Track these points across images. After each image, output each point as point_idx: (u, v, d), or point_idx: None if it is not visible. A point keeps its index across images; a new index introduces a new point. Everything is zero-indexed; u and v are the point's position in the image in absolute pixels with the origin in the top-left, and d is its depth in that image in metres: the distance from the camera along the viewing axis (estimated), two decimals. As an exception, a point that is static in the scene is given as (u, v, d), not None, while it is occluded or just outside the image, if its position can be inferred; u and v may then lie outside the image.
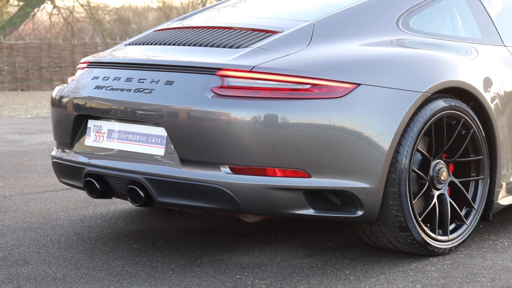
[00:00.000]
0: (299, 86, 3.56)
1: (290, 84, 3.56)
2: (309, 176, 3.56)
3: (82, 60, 4.34)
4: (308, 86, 3.56)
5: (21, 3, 30.89)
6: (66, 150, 4.16)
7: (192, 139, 3.59)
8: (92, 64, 4.22)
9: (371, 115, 3.61)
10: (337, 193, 3.64)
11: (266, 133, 3.51)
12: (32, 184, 5.97)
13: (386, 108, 3.64)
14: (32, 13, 31.86)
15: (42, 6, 32.20)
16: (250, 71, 3.57)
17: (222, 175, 3.56)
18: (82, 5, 33.11)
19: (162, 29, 4.48)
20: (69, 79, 4.34)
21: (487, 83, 4.09)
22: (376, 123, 3.61)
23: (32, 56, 24.31)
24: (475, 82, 4.01)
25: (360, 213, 3.64)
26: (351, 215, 3.66)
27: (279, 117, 3.51)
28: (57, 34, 32.27)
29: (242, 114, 3.51)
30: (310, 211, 3.62)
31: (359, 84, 3.61)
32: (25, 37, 31.71)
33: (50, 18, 32.87)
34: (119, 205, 5.13)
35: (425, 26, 4.24)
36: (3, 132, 10.41)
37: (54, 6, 32.37)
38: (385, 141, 3.61)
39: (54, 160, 4.26)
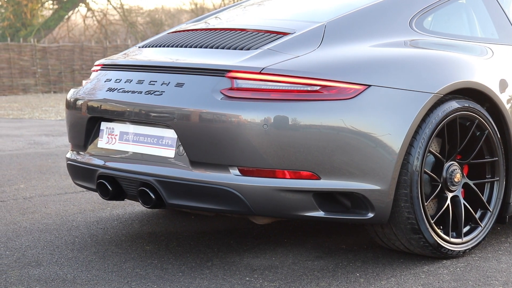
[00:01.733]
0: (309, 88, 3.53)
1: (300, 85, 3.54)
2: (319, 178, 3.53)
3: (97, 62, 4.36)
4: (318, 87, 3.53)
5: (56, 7, 31.19)
6: (80, 152, 4.18)
7: (201, 141, 3.59)
8: (106, 67, 4.24)
9: (382, 117, 3.57)
10: (347, 195, 3.61)
11: (275, 135, 3.49)
12: (53, 186, 6.01)
13: (397, 109, 3.60)
14: (67, 16, 32.17)
15: (76, 9, 32.53)
16: (260, 73, 3.56)
17: (231, 177, 3.55)
18: (115, 8, 33.36)
19: (176, 31, 4.48)
20: (84, 82, 4.36)
21: (503, 84, 4.03)
22: (386, 125, 3.57)
23: (64, 59, 24.54)
24: (490, 83, 3.95)
25: (371, 215, 3.61)
26: (361, 217, 3.62)
27: (288, 118, 3.49)
28: (91, 37, 32.54)
29: (252, 116, 3.50)
30: (320, 213, 3.59)
31: (369, 86, 3.58)
32: (59, 40, 32.01)
33: (84, 21, 33.14)
34: (136, 207, 5.14)
35: (439, 27, 4.19)
36: (31, 134, 10.51)
37: (88, 9, 32.66)
38: (396, 143, 3.57)
39: (68, 162, 4.29)
